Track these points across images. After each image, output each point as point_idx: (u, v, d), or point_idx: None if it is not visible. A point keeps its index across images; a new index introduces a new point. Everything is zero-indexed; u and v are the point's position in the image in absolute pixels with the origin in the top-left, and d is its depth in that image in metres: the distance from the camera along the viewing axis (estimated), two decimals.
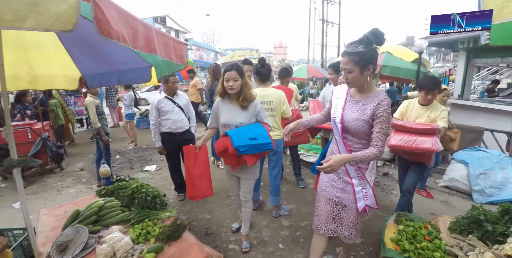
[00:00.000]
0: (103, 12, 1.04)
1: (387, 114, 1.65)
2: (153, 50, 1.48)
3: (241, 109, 2.40)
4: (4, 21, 0.91)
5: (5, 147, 4.70)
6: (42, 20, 0.96)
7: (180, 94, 3.60)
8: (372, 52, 1.65)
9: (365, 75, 1.69)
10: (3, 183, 4.86)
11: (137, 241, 2.15)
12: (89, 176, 4.98)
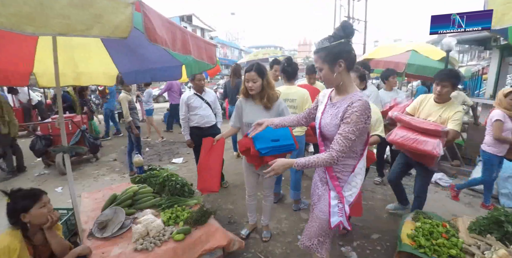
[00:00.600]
0: (151, 21, 1.23)
1: (355, 117, 1.44)
2: (188, 52, 1.66)
3: (264, 109, 2.43)
4: (76, 31, 1.11)
5: (49, 137, 5.18)
6: (105, 29, 1.16)
7: (208, 91, 3.81)
8: (342, 46, 1.48)
9: (337, 71, 1.52)
10: (46, 170, 5.35)
11: (168, 224, 2.38)
12: (121, 166, 5.36)
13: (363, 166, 1.68)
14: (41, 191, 1.84)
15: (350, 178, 1.63)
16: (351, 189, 1.64)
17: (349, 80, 1.59)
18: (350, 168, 1.63)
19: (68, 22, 1.10)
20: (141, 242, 2.14)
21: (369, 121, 1.50)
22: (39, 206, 1.75)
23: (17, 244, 1.62)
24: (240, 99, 2.58)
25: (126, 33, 1.17)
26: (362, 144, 1.62)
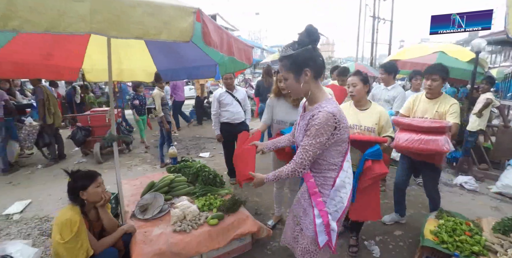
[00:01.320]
0: (207, 27, 1.42)
1: (314, 130, 1.36)
2: (231, 53, 1.84)
3: (294, 108, 2.57)
4: (149, 35, 1.32)
5: (88, 128, 5.59)
6: (171, 34, 1.36)
7: (239, 89, 4.01)
8: (307, 53, 1.37)
9: (303, 81, 1.42)
10: (83, 158, 5.79)
11: (202, 209, 2.59)
12: (152, 158, 5.68)
13: (347, 178, 1.53)
14: (97, 173, 2.09)
15: (332, 192, 1.50)
16: (336, 205, 1.51)
17: (318, 89, 1.48)
18: (331, 181, 1.51)
19: (143, 28, 1.31)
20: (179, 225, 2.36)
21: (337, 131, 1.39)
22: (95, 185, 1.99)
23: (77, 218, 1.86)
24: (271, 98, 2.72)
25: (189, 37, 1.37)
26: (340, 155, 1.49)
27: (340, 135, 1.40)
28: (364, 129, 2.40)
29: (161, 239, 2.22)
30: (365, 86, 2.38)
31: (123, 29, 1.29)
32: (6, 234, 3.13)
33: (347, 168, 1.53)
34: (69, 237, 1.77)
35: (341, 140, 1.43)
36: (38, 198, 4.06)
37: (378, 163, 2.24)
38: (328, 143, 1.40)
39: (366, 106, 2.47)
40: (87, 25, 1.22)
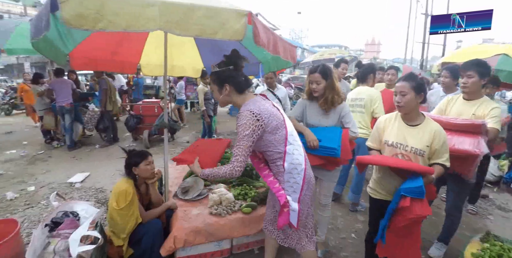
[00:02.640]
0: (257, 28, 1.57)
1: (241, 128, 1.61)
2: (277, 52, 1.96)
3: (325, 112, 2.38)
4: (206, 34, 1.52)
5: (139, 116, 6.13)
6: (226, 33, 1.53)
7: (280, 87, 4.14)
8: (227, 72, 1.71)
9: (224, 93, 1.74)
10: (133, 143, 6.39)
11: (237, 198, 2.77)
12: None
13: (295, 160, 1.73)
14: (148, 153, 2.36)
15: (285, 176, 1.73)
16: (292, 185, 1.74)
17: (239, 98, 1.76)
18: (282, 168, 1.73)
19: (202, 28, 1.51)
20: (216, 208, 2.57)
21: (261, 122, 1.61)
22: (145, 163, 2.26)
23: (131, 190, 2.15)
24: (303, 100, 2.55)
25: (241, 36, 1.54)
26: (281, 142, 1.70)
27: (266, 125, 1.64)
28: (411, 151, 1.88)
29: (198, 219, 2.45)
30: (418, 96, 1.85)
31: (185, 28, 1.50)
32: (70, 198, 3.65)
33: (292, 150, 1.73)
34: (123, 205, 2.06)
35: (272, 128, 1.67)
36: (95, 172, 4.63)
37: (419, 202, 1.74)
38: (255, 135, 1.62)
39: (417, 121, 1.93)
40: (157, 24, 1.44)
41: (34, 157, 5.42)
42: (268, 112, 1.66)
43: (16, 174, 4.52)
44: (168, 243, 2.27)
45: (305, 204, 1.82)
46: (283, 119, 1.76)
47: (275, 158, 1.75)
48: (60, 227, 1.99)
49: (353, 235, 2.99)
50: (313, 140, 2.19)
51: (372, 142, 2.17)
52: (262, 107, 1.66)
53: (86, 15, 1.38)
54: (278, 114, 1.75)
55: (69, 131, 5.73)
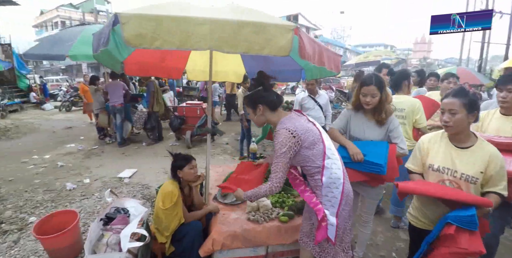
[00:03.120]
0: (303, 42, 1.59)
1: (278, 146, 1.66)
2: (322, 63, 1.97)
3: (375, 125, 2.22)
4: (253, 50, 1.58)
5: (183, 117, 6.44)
6: (272, 49, 1.58)
7: (322, 94, 4.09)
8: (258, 94, 1.78)
9: (258, 113, 1.81)
10: (176, 142, 6.75)
11: (274, 205, 2.80)
12: (232, 150, 6.22)
13: (333, 174, 1.71)
14: (192, 157, 2.48)
15: (323, 190, 1.73)
16: (330, 200, 1.73)
17: (274, 116, 1.82)
18: (320, 182, 1.72)
19: (249, 45, 1.57)
20: (253, 214, 2.62)
21: (297, 139, 1.64)
22: (189, 167, 2.39)
23: (176, 191, 2.28)
24: (347, 111, 2.40)
25: (287, 52, 1.57)
26: (318, 157, 1.71)
27: (303, 141, 1.67)
28: (461, 178, 1.65)
29: (236, 223, 2.52)
30: (471, 116, 1.62)
31: (233, 46, 1.57)
32: (120, 192, 3.96)
33: (331, 164, 1.72)
34: (169, 205, 2.20)
35: (309, 143, 1.69)
36: (142, 168, 4.96)
37: (469, 234, 1.47)
38: (292, 152, 1.66)
39: (468, 142, 1.68)
40: (207, 43, 1.53)
41: (89, 151, 5.97)
42: (303, 128, 1.69)
43: (74, 166, 5.03)
44: (207, 244, 2.37)
45: (343, 218, 1.80)
46: (319, 134, 1.77)
47: (313, 172, 1.76)
48: (113, 222, 2.19)
49: (393, 254, 2.84)
50: (357, 153, 2.07)
51: (413, 164, 1.92)
52: (298, 124, 1.70)
53: (144, 35, 1.51)
54: (314, 130, 1.77)
55: (119, 129, 6.23)
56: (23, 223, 3.16)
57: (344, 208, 1.78)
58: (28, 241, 2.82)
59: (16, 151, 5.93)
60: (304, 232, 2.11)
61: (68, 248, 2.45)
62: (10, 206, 3.55)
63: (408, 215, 1.99)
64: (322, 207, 1.73)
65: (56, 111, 11.60)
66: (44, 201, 3.68)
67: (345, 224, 1.85)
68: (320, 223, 1.73)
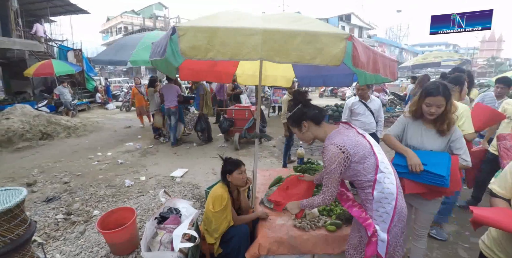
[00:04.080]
0: (357, 51, 1.53)
1: (325, 163, 1.67)
2: (377, 71, 1.86)
3: (435, 134, 2.07)
4: (305, 60, 1.57)
5: (232, 119, 6.62)
6: (324, 59, 1.55)
7: (374, 99, 3.89)
8: (299, 112, 1.80)
9: (304, 130, 1.81)
10: (225, 143, 6.95)
11: (322, 213, 2.74)
12: (279, 153, 6.21)
13: (385, 189, 1.63)
14: (242, 162, 2.53)
15: (374, 205, 1.67)
16: (381, 215, 1.66)
17: (321, 131, 1.81)
18: (371, 195, 1.66)
19: (301, 54, 1.56)
20: (299, 221, 2.59)
21: (347, 155, 1.60)
22: (238, 172, 2.44)
23: (226, 195, 2.36)
24: (406, 117, 2.25)
25: (339, 61, 1.53)
26: (370, 171, 1.65)
27: (353, 156, 1.62)
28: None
29: (283, 229, 2.52)
30: None
31: (284, 56, 1.57)
32: (172, 191, 4.20)
33: (383, 179, 1.64)
34: (219, 208, 2.28)
35: (359, 158, 1.63)
36: (192, 168, 5.21)
37: None
38: (342, 167, 1.63)
39: None
40: (258, 53, 1.55)
41: (145, 150, 6.44)
42: (352, 142, 1.64)
43: (132, 164, 5.47)
44: (253, 248, 2.40)
45: (395, 235, 1.71)
46: (370, 147, 1.69)
47: (364, 186, 1.70)
48: (166, 221, 2.34)
49: None
50: (417, 164, 1.90)
51: (499, 187, 1.59)
52: (346, 138, 1.66)
53: (199, 46, 1.58)
54: (364, 143, 1.69)
55: (173, 130, 6.64)
56: (88, 216, 3.52)
57: (397, 224, 1.69)
58: (92, 233, 3.11)
59: (83, 147, 6.64)
60: (351, 243, 2.05)
61: (127, 243, 2.67)
62: (78, 199, 3.95)
63: (480, 243, 1.72)
64: (372, 222, 1.68)
65: (117, 111, 12.76)
66: (106, 196, 4.06)
67: (397, 241, 1.76)
68: (370, 238, 1.67)
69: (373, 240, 1.66)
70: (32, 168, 5.11)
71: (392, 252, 1.78)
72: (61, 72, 10.31)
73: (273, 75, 3.78)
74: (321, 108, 1.87)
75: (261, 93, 9.34)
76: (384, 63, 2.03)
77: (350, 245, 2.05)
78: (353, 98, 3.94)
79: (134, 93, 8.70)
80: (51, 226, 3.26)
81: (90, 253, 2.75)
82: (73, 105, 10.59)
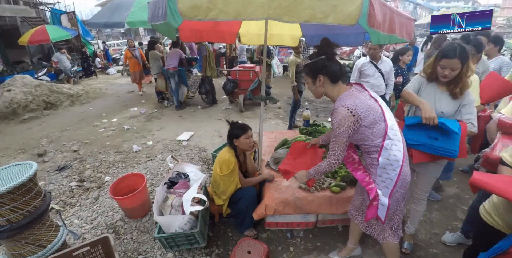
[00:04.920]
0: (374, 9, 1.37)
1: (334, 125, 1.61)
2: (393, 31, 1.71)
3: (449, 97, 1.99)
4: (316, 19, 1.43)
5: (236, 81, 6.48)
6: (338, 17, 1.41)
7: (385, 60, 3.68)
8: (320, 63, 1.64)
9: (318, 84, 1.70)
10: (230, 106, 6.91)
11: (326, 175, 2.80)
12: (284, 114, 6.18)
13: (391, 156, 1.62)
14: (249, 127, 2.50)
15: (378, 170, 1.67)
16: (384, 181, 1.67)
17: (334, 90, 1.71)
18: (376, 161, 1.66)
19: (312, 12, 1.42)
20: (305, 183, 2.65)
21: (357, 118, 1.56)
22: (245, 136, 2.43)
23: (233, 159, 2.38)
24: (421, 77, 2.15)
25: (355, 20, 1.39)
26: (378, 137, 1.62)
27: (363, 119, 1.57)
28: None
29: (288, 191, 2.60)
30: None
31: (294, 14, 1.44)
32: (179, 155, 4.28)
33: (390, 145, 1.62)
34: (226, 172, 2.32)
35: (369, 122, 1.59)
36: (198, 131, 5.26)
37: None
38: (351, 131, 1.60)
39: None
40: (265, 11, 1.42)
41: (150, 114, 6.44)
42: (364, 106, 1.58)
43: (138, 129, 5.50)
44: (260, 209, 2.51)
45: (396, 199, 1.74)
46: (381, 112, 1.64)
47: (371, 151, 1.69)
48: (175, 186, 2.41)
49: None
50: (432, 117, 1.80)
51: (511, 156, 1.57)
52: (358, 101, 1.59)
53: (199, 5, 1.45)
54: (376, 107, 1.63)
55: (175, 93, 6.55)
56: (100, 182, 3.63)
57: (399, 190, 1.71)
58: (106, 198, 3.21)
59: (88, 115, 6.61)
60: (354, 205, 2.14)
61: (139, 207, 2.78)
62: (89, 166, 4.03)
63: (481, 208, 1.76)
64: (374, 187, 1.70)
65: (119, 76, 12.48)
66: (115, 162, 4.15)
67: (398, 205, 1.80)
68: (372, 202, 1.72)
69: (374, 203, 1.71)
70: (40, 138, 5.16)
71: (392, 215, 1.84)
72: (56, 38, 9.80)
73: (279, 34, 3.57)
74: (343, 66, 1.75)
75: None
76: (401, 22, 1.87)
77: (352, 207, 2.14)
78: (363, 58, 3.74)
79: (127, 57, 7.90)
80: (66, 193, 3.39)
81: (106, 218, 2.88)
82: (73, 73, 10.35)
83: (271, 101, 2.98)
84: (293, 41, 3.69)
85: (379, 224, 1.91)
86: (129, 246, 2.50)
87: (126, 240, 2.57)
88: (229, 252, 2.44)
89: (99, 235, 2.54)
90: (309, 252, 2.48)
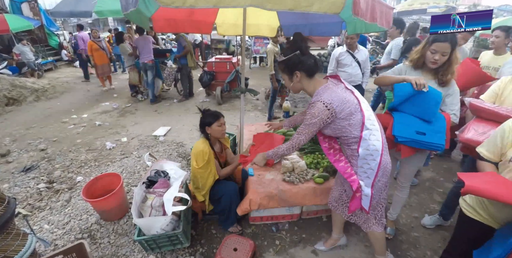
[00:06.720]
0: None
1: (309, 115, 1.63)
2: (374, 19, 1.67)
3: (435, 85, 1.98)
4: (301, 7, 1.35)
5: (212, 73, 6.30)
6: (322, 6, 1.34)
7: (361, 49, 3.71)
8: (295, 59, 1.64)
9: (295, 81, 1.71)
10: (207, 98, 6.75)
11: (309, 166, 2.79)
12: (263, 105, 6.13)
13: (371, 145, 1.62)
14: (221, 114, 2.41)
15: (359, 161, 1.68)
16: (365, 171, 1.68)
17: (311, 84, 1.72)
18: (356, 152, 1.67)
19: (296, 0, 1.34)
20: (288, 175, 2.64)
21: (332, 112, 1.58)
22: (218, 124, 2.33)
23: (207, 149, 2.29)
24: (405, 65, 2.15)
25: (340, 8, 1.33)
26: (356, 128, 1.63)
27: (338, 112, 1.59)
28: None
29: (272, 184, 2.56)
30: None
31: (278, 2, 1.35)
32: (156, 151, 4.11)
33: (369, 136, 1.63)
34: (202, 164, 2.24)
35: (346, 114, 1.60)
36: (175, 126, 5.08)
37: None
38: (322, 123, 1.63)
39: None
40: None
41: (123, 109, 6.14)
42: (340, 99, 1.60)
43: (111, 125, 5.23)
44: (244, 204, 2.46)
45: (378, 189, 1.76)
46: (358, 103, 1.66)
47: (350, 142, 1.70)
48: (155, 186, 2.29)
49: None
50: (423, 82, 1.80)
51: (488, 152, 1.55)
52: (334, 95, 1.61)
53: None
54: (351, 99, 1.65)
55: (151, 86, 6.27)
56: (72, 182, 3.39)
57: (381, 179, 1.73)
58: (78, 200, 3.01)
59: (56, 111, 6.19)
60: (333, 196, 2.16)
61: (116, 209, 2.63)
62: (58, 166, 3.76)
63: (461, 202, 1.71)
64: (356, 178, 1.70)
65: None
66: (87, 161, 3.91)
67: (380, 194, 1.83)
68: (355, 193, 1.72)
69: (357, 195, 1.72)
70: (3, 137, 4.76)
71: (376, 204, 1.87)
72: (17, 29, 8.98)
73: (256, 24, 3.46)
74: (317, 58, 1.72)
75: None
76: (381, 11, 1.83)
77: (332, 198, 2.17)
78: (340, 48, 3.74)
79: (91, 49, 7.16)
80: (34, 196, 3.14)
81: (80, 221, 2.70)
82: (38, 65, 9.60)
83: (251, 93, 2.90)
84: (270, 31, 3.60)
85: (363, 213, 1.93)
86: (106, 251, 2.36)
87: (103, 245, 2.43)
88: (214, 250, 2.38)
89: (72, 241, 2.40)
90: (295, 244, 2.48)
